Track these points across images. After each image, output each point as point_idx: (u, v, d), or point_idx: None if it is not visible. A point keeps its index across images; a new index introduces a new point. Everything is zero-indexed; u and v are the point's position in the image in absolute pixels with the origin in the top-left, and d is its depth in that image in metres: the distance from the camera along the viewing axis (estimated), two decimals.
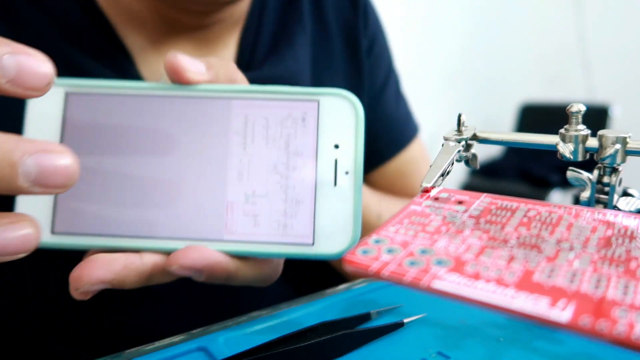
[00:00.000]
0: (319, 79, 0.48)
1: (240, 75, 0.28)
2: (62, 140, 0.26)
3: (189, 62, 0.26)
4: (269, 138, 0.27)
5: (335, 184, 0.27)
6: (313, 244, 0.26)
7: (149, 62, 0.40)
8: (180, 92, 0.27)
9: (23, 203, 0.26)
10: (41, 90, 0.19)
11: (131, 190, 0.26)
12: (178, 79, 0.26)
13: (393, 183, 0.52)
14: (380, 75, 0.53)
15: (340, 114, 0.27)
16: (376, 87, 0.52)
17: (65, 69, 0.29)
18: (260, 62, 0.44)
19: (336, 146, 0.27)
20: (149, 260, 0.25)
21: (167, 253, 0.25)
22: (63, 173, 0.18)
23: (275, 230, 0.26)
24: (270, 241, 0.26)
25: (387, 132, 0.53)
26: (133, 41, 0.40)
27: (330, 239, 0.26)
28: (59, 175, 0.18)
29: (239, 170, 0.27)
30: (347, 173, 0.27)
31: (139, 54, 0.40)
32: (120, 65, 0.39)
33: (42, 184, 0.18)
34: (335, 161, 0.27)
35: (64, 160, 0.18)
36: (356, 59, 0.50)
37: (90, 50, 0.39)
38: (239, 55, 0.44)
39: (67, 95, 0.26)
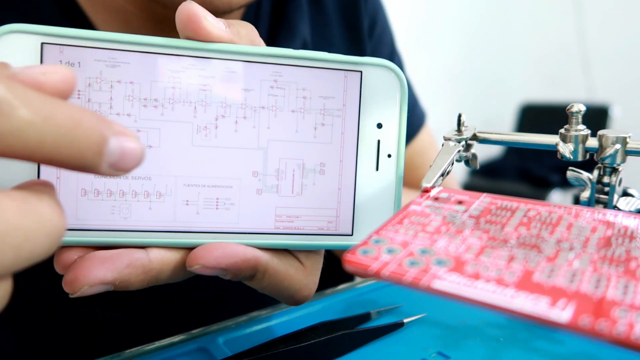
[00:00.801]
0: None
1: (262, 43, 0.24)
2: None
3: (208, 12, 0.22)
4: (306, 114, 0.23)
5: (377, 168, 0.24)
6: (352, 234, 0.24)
7: None
8: (194, 51, 0.22)
9: None
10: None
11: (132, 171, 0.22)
12: (193, 30, 0.21)
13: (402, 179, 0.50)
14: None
15: (384, 88, 0.24)
16: None
17: None
18: None
19: (379, 125, 0.24)
20: (158, 257, 0.22)
21: (181, 248, 0.22)
22: (137, 159, 0.17)
23: (310, 220, 0.24)
24: (305, 232, 0.23)
25: None
26: None
27: (370, 230, 0.23)
28: (133, 161, 0.17)
29: (269, 150, 0.23)
30: (389, 156, 0.24)
31: None
32: None
33: (119, 168, 0.16)
34: (378, 142, 0.24)
35: (139, 145, 0.17)
36: (357, 42, 0.47)
37: None
38: None
39: (44, 47, 0.21)
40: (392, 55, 0.51)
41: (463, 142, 0.27)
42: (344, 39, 0.47)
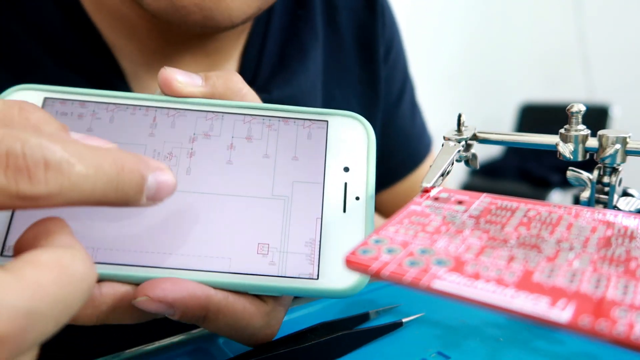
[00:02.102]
0: (330, 93, 0.44)
1: (246, 88, 0.26)
2: None
3: (180, 73, 0.25)
4: (271, 158, 0.24)
5: (344, 210, 0.24)
6: (317, 277, 0.23)
7: (141, 78, 0.37)
8: (172, 104, 0.25)
9: None
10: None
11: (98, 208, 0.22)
12: (168, 90, 0.25)
13: (405, 203, 0.50)
14: (396, 85, 0.49)
15: (350, 135, 0.25)
16: (392, 98, 0.49)
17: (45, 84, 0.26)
18: (268, 77, 0.40)
19: (346, 169, 0.25)
20: (109, 292, 0.21)
21: (133, 284, 0.21)
22: (170, 189, 0.19)
23: (272, 261, 0.23)
24: (265, 273, 0.22)
25: (401, 150, 0.49)
26: (123, 53, 0.37)
27: (337, 273, 0.23)
28: (167, 192, 0.18)
29: (234, 191, 0.24)
30: (357, 199, 0.24)
31: (130, 67, 0.37)
32: (108, 81, 0.36)
33: (154, 199, 0.18)
34: (345, 185, 0.24)
35: (171, 177, 0.19)
36: (371, 67, 0.46)
37: (75, 63, 0.35)
38: (242, 68, 0.40)
39: (46, 101, 0.24)
40: (404, 80, 0.51)
41: (463, 142, 0.27)
42: (358, 62, 0.46)
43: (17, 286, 0.14)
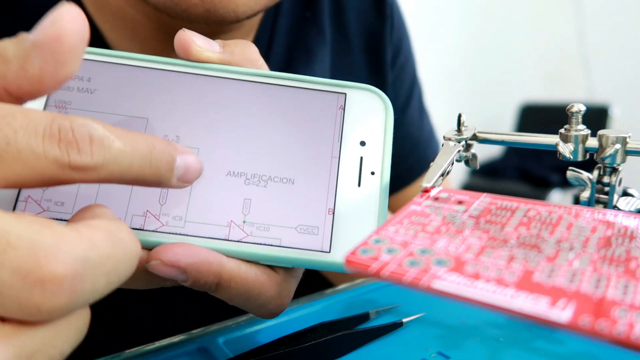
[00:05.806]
0: None
1: (262, 61, 0.25)
2: (46, 106, 0.22)
3: (199, 37, 0.24)
4: (287, 128, 0.24)
5: (359, 184, 0.24)
6: (329, 251, 0.23)
7: None
8: (189, 69, 0.24)
9: None
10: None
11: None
12: (185, 54, 0.24)
13: None
14: (404, 89, 0.49)
15: (368, 109, 0.25)
16: (399, 103, 0.48)
17: None
18: None
19: (362, 143, 0.24)
20: None
21: (145, 248, 0.21)
22: (197, 172, 0.20)
23: (285, 232, 0.23)
24: (277, 244, 0.22)
25: (409, 155, 0.49)
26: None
27: (349, 247, 0.22)
28: (195, 173, 0.20)
29: (247, 160, 0.23)
30: (373, 173, 0.24)
31: None
32: None
33: (184, 180, 0.19)
34: (361, 159, 0.24)
35: (197, 160, 0.20)
36: (379, 71, 0.46)
37: None
38: None
39: None
40: (412, 85, 0.50)
41: (463, 142, 0.27)
42: (366, 65, 0.46)
43: (74, 236, 0.15)
